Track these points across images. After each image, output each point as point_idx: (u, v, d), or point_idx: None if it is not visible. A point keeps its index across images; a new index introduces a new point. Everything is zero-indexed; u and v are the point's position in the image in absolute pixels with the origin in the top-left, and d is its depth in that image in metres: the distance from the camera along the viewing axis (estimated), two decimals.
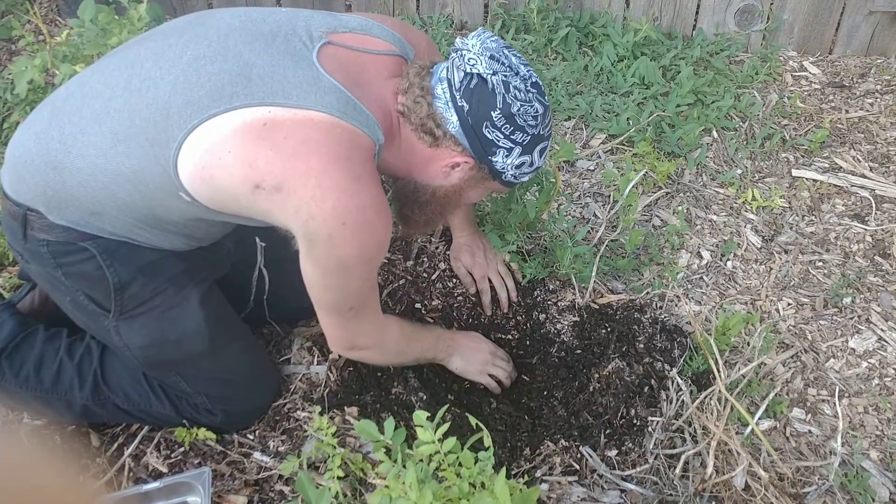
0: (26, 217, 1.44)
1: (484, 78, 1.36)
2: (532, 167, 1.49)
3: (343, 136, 1.30)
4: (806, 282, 2.13)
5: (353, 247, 1.33)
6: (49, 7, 3.03)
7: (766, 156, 2.52)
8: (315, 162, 1.26)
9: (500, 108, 1.38)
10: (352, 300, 1.47)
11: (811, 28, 2.92)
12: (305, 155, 1.26)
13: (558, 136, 2.54)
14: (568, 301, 1.99)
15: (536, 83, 1.42)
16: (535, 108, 1.40)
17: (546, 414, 1.80)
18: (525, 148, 1.44)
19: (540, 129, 1.43)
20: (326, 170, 1.26)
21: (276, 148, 1.26)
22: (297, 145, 1.26)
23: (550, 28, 2.89)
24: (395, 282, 2.00)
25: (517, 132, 1.41)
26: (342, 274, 1.39)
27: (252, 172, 1.27)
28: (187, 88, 1.30)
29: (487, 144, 1.41)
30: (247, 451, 1.70)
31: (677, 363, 1.86)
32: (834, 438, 1.76)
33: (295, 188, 1.26)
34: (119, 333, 1.54)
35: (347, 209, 1.28)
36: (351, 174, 1.29)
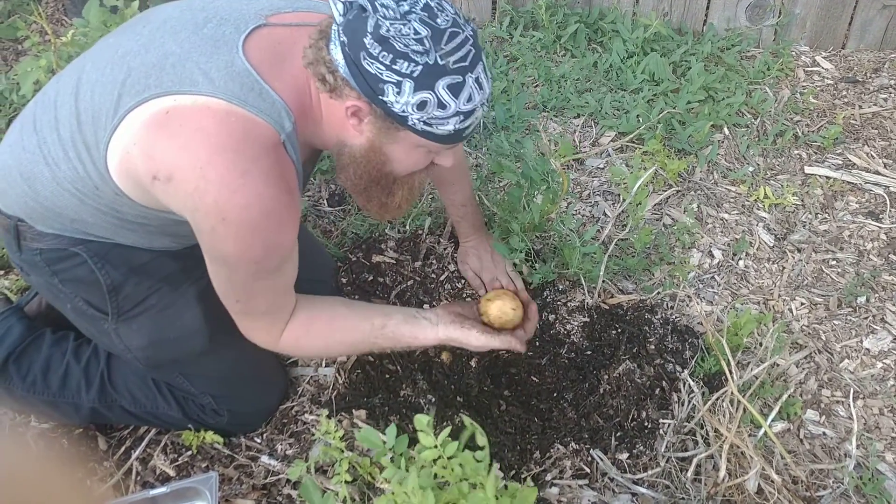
0: (17, 228, 1.46)
1: (361, 5, 1.19)
2: (448, 111, 1.23)
3: (235, 126, 1.22)
4: (819, 281, 2.11)
5: (235, 245, 1.26)
6: (55, 7, 3.03)
7: (778, 153, 2.48)
8: (202, 153, 1.21)
9: (370, 32, 1.18)
10: (237, 295, 1.40)
11: (824, 22, 2.88)
12: (195, 145, 1.21)
13: (567, 133, 2.52)
14: (577, 302, 1.97)
15: (428, 4, 1.20)
16: (415, 28, 1.17)
17: (556, 416, 1.78)
18: (418, 81, 1.19)
19: (435, 58, 1.19)
20: (211, 162, 1.20)
21: (171, 137, 1.22)
22: (190, 134, 1.21)
23: (559, 24, 2.87)
24: (404, 282, 1.98)
25: (399, 60, 1.18)
26: (226, 268, 1.33)
27: (151, 163, 1.24)
28: (112, 86, 1.28)
29: (372, 80, 1.20)
30: (254, 455, 1.69)
31: (689, 364, 1.84)
32: (849, 440, 1.73)
33: (182, 179, 1.22)
34: (119, 336, 1.53)
35: (228, 205, 1.21)
36: (237, 168, 1.21)
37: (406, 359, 1.84)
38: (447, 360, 1.86)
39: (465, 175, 1.93)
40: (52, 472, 0.74)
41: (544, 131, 2.52)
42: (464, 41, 1.21)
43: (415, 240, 2.09)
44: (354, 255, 2.03)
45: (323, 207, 2.24)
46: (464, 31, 1.22)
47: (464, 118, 1.25)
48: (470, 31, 1.23)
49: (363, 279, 1.98)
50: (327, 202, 2.25)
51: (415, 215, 2.13)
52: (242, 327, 1.47)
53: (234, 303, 1.41)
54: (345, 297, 1.95)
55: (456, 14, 1.23)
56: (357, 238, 2.10)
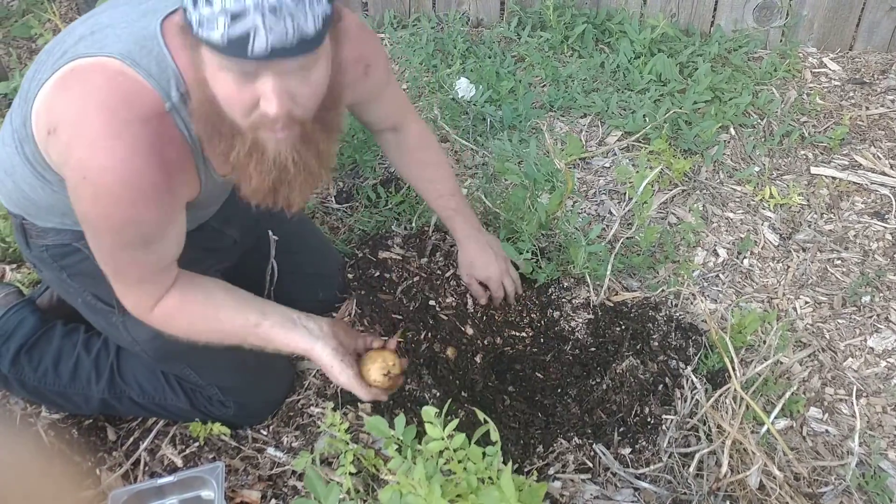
0: (23, 226, 1.49)
1: None
2: (213, 7, 1.05)
3: (120, 87, 1.19)
4: (824, 280, 2.11)
5: (91, 208, 1.23)
6: (68, 6, 3.06)
7: (784, 153, 2.49)
8: (82, 108, 1.18)
9: None
10: (104, 259, 1.34)
11: (831, 24, 2.88)
12: (79, 100, 1.19)
13: (574, 132, 2.54)
14: (582, 299, 1.99)
15: None
16: None
17: (560, 411, 1.79)
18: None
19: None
20: (86, 118, 1.17)
21: (64, 91, 1.21)
22: (79, 89, 1.20)
23: (567, 25, 2.88)
24: (410, 279, 2.00)
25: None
26: (90, 230, 1.29)
27: (45, 117, 1.23)
28: (45, 60, 1.29)
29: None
30: (260, 447, 1.71)
31: (692, 361, 1.85)
32: (851, 438, 1.74)
33: (61, 132, 1.20)
34: (127, 329, 1.55)
35: (89, 164, 1.18)
36: (107, 129, 1.17)
37: (411, 354, 1.86)
38: (452, 355, 1.87)
39: (442, 160, 1.86)
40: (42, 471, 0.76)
41: (549, 131, 2.53)
42: None
43: (421, 236, 2.10)
44: (361, 251, 2.05)
45: (331, 204, 2.26)
46: None
47: (231, 20, 1.05)
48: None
49: (370, 275, 2.00)
50: (335, 199, 2.27)
51: (421, 212, 2.15)
52: (116, 291, 1.41)
53: (104, 265, 1.36)
54: (350, 292, 1.97)
55: None
56: (364, 234, 2.12)
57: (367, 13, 3.02)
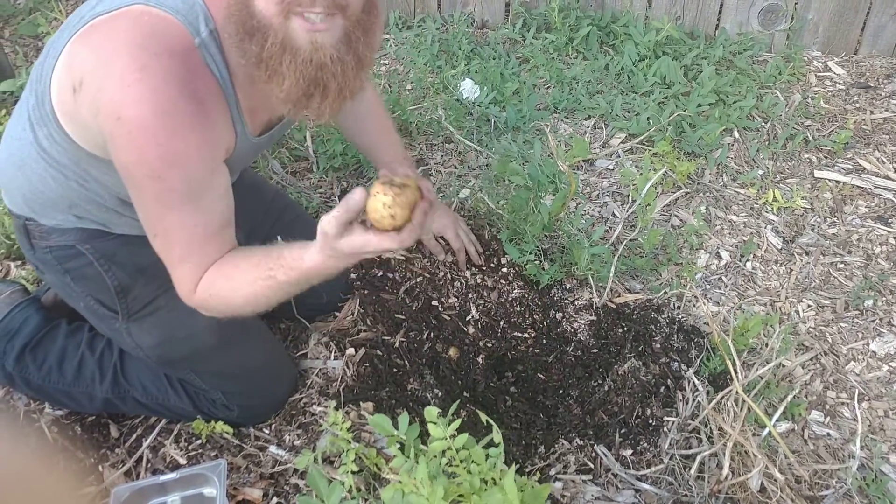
0: (26, 227, 1.49)
1: None
2: None
3: (145, 24, 1.16)
4: (827, 284, 2.11)
5: (132, 152, 1.16)
6: (76, 4, 3.07)
7: (788, 156, 2.49)
8: (108, 51, 1.14)
9: None
10: (152, 226, 1.26)
11: (836, 28, 2.88)
12: (103, 45, 1.15)
13: (578, 134, 2.54)
14: (585, 300, 1.99)
15: None
16: None
17: (561, 412, 1.79)
18: None
19: None
20: (113, 58, 1.13)
21: (87, 44, 1.18)
22: (103, 38, 1.16)
23: (571, 27, 2.89)
24: (413, 279, 2.00)
25: None
26: (133, 186, 1.22)
27: (70, 75, 1.20)
28: (63, 35, 1.26)
29: None
30: (262, 445, 1.71)
31: (694, 363, 1.85)
32: (853, 442, 1.74)
33: (89, 82, 1.16)
34: (130, 335, 1.56)
35: (122, 101, 1.12)
36: (136, 62, 1.12)
37: (414, 353, 1.86)
38: (455, 355, 1.88)
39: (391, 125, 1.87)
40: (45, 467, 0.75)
41: (552, 133, 2.54)
42: None
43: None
44: None
45: (334, 204, 2.26)
46: None
47: None
48: None
49: (372, 275, 2.00)
50: (339, 199, 2.27)
51: None
52: (171, 273, 1.32)
53: (153, 238, 1.28)
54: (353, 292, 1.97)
55: None
56: None
57: None
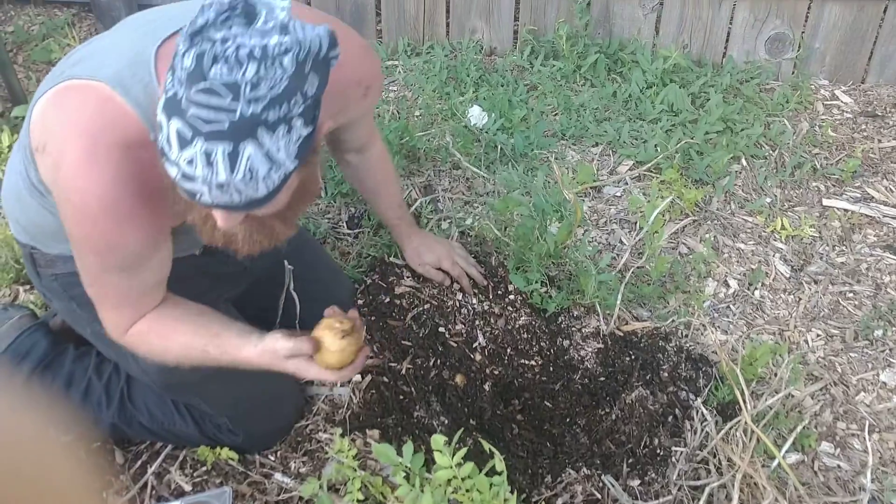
0: (32, 255, 1.51)
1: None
2: (170, 154, 1.06)
3: (107, 112, 1.20)
4: (836, 313, 2.10)
5: (77, 229, 1.25)
6: (88, 31, 3.11)
7: (796, 185, 2.49)
8: (70, 130, 1.20)
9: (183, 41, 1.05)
10: (89, 280, 1.35)
11: (843, 57, 2.90)
12: (68, 121, 1.21)
13: (585, 161, 2.54)
14: (592, 328, 1.98)
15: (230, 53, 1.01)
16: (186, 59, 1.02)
17: (568, 441, 1.78)
18: (166, 104, 1.06)
19: (183, 94, 1.03)
20: (72, 140, 1.19)
21: (56, 110, 1.23)
22: (70, 110, 1.22)
23: (579, 54, 2.90)
24: (420, 305, 2.00)
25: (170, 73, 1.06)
26: (76, 249, 1.31)
27: (36, 135, 1.25)
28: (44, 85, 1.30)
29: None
30: (268, 472, 1.70)
31: (702, 393, 1.84)
32: (863, 474, 1.72)
33: (49, 151, 1.22)
34: (136, 359, 1.56)
35: (72, 187, 1.20)
36: (89, 154, 1.18)
37: (420, 380, 1.86)
38: (461, 382, 1.87)
39: (395, 175, 1.95)
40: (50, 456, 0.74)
41: (559, 160, 2.54)
42: (223, 109, 1.02)
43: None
44: (370, 278, 2.06)
45: (341, 230, 2.27)
46: (234, 103, 1.01)
47: (183, 178, 1.07)
48: (243, 108, 1.02)
49: (380, 301, 2.00)
50: (346, 225, 2.28)
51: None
52: (98, 311, 1.41)
53: (87, 287, 1.37)
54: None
55: (251, 83, 1.01)
56: (374, 260, 2.13)
57: (382, 40, 3.05)
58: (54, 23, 3.10)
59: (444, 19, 3.01)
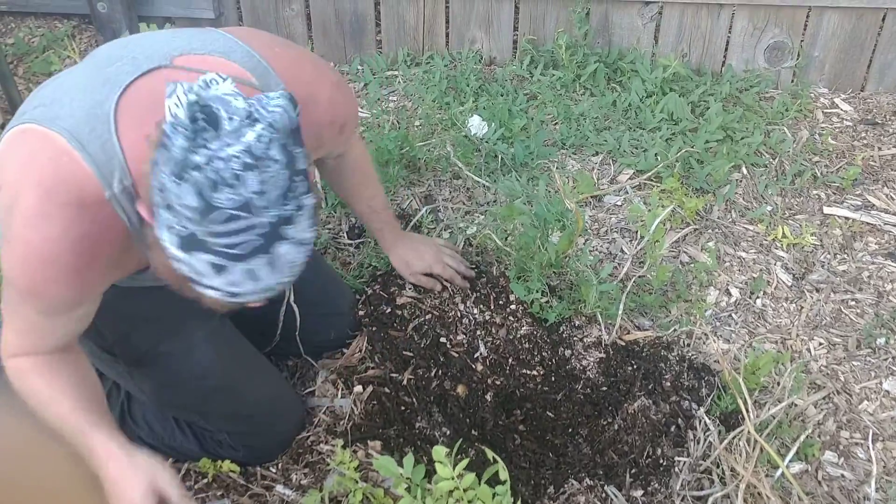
0: None
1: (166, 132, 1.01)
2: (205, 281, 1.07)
3: (62, 168, 1.18)
4: (838, 321, 2.10)
5: (11, 269, 1.24)
6: (88, 43, 3.12)
7: (796, 193, 2.49)
8: (22, 179, 1.19)
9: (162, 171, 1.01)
10: (4, 300, 1.33)
11: (842, 65, 2.90)
12: (21, 170, 1.19)
13: (585, 170, 2.54)
14: (594, 337, 1.98)
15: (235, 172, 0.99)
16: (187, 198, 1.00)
17: (570, 451, 1.78)
18: (184, 240, 1.04)
19: (201, 230, 1.02)
20: (27, 188, 1.18)
21: (13, 152, 1.22)
22: (26, 157, 1.20)
23: (579, 64, 2.91)
24: (421, 316, 1.99)
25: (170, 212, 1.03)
26: (4, 272, 1.27)
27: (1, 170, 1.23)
28: (14, 120, 1.29)
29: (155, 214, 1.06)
30: (269, 484, 1.69)
31: (705, 402, 1.84)
32: (868, 483, 1.71)
33: (4, 192, 1.21)
34: (133, 378, 1.56)
35: (19, 235, 1.19)
36: (41, 207, 1.17)
37: (422, 391, 1.85)
38: (463, 393, 1.86)
39: (375, 176, 1.90)
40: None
41: (560, 170, 2.54)
42: (247, 229, 1.02)
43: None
44: (371, 288, 2.05)
45: (343, 240, 2.27)
46: (254, 218, 1.02)
47: (229, 296, 1.09)
48: (263, 219, 1.02)
49: (381, 311, 2.00)
50: (347, 235, 2.28)
51: None
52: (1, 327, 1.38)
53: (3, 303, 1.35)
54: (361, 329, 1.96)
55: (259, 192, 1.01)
56: (375, 271, 2.12)
57: (381, 51, 3.06)
58: (55, 35, 3.11)
59: (444, 29, 3.02)
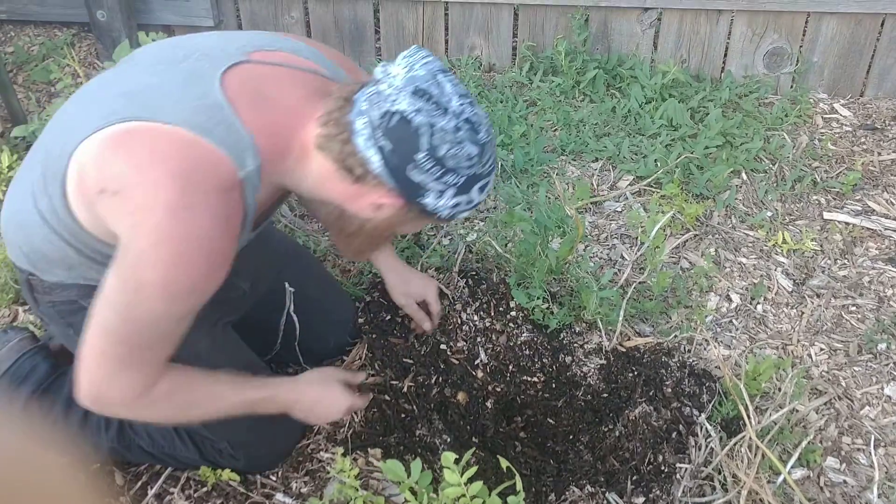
0: (29, 282, 1.48)
1: (406, 117, 1.22)
2: (471, 204, 1.34)
3: (194, 156, 1.21)
4: (839, 327, 2.09)
5: (159, 274, 1.20)
6: (87, 51, 3.12)
7: (796, 198, 2.49)
8: (156, 174, 1.18)
9: (426, 150, 1.23)
10: (129, 335, 1.26)
11: (841, 70, 2.90)
12: (150, 165, 1.19)
13: (585, 177, 2.54)
14: (594, 344, 1.97)
15: (470, 119, 1.26)
16: (468, 149, 1.25)
17: (572, 458, 1.77)
18: (460, 188, 1.29)
19: (476, 170, 1.28)
20: (163, 184, 1.17)
21: (128, 154, 1.21)
22: (148, 155, 1.20)
23: (578, 70, 2.91)
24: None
25: (448, 174, 1.26)
26: (135, 299, 1.23)
27: (100, 176, 1.22)
28: (82, 115, 1.29)
29: (415, 187, 1.27)
30: (269, 493, 1.69)
31: (706, 408, 1.83)
32: (870, 489, 1.71)
33: (132, 195, 1.19)
34: None
35: (169, 232, 1.18)
36: (186, 198, 1.18)
37: (422, 398, 1.84)
38: (463, 400, 1.86)
39: None
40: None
41: (560, 176, 2.54)
42: (492, 141, 1.31)
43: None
44: (371, 295, 2.05)
45: None
46: (490, 132, 1.30)
47: (474, 207, 1.36)
48: (491, 133, 1.31)
49: (381, 318, 1.99)
50: None
51: (429, 254, 2.15)
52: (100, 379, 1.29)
53: (115, 343, 1.26)
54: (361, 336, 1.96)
55: (483, 114, 1.30)
56: (375, 277, 2.12)
57: (381, 58, 3.06)
58: (54, 43, 3.11)
59: (443, 36, 3.03)
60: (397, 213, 1.34)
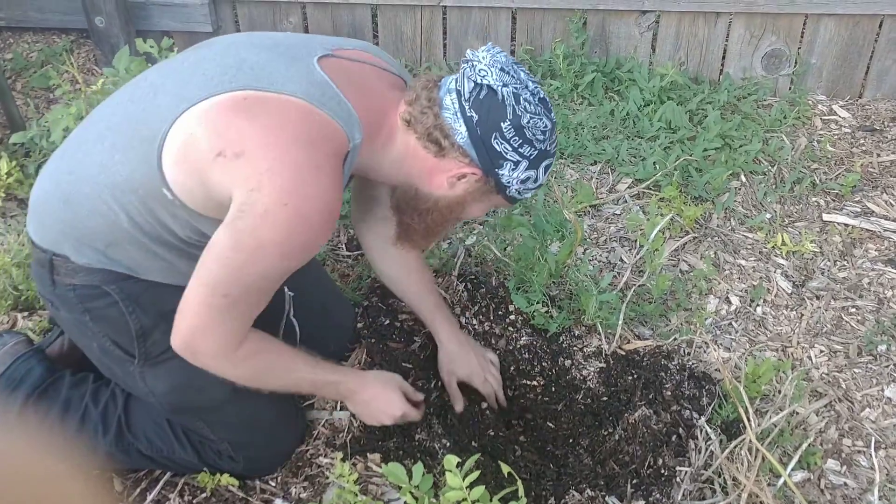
0: (52, 262, 1.47)
1: (494, 89, 1.37)
2: (536, 183, 1.48)
3: (315, 123, 1.30)
4: (839, 328, 2.09)
5: (281, 233, 1.27)
6: (86, 57, 3.12)
7: (795, 200, 2.49)
8: (282, 137, 1.26)
9: (510, 120, 1.38)
10: (235, 288, 1.32)
11: (840, 72, 2.90)
12: (275, 129, 1.27)
13: (584, 180, 2.54)
14: (594, 347, 1.97)
15: (544, 99, 1.43)
16: (545, 122, 1.42)
17: (571, 462, 1.76)
18: (532, 162, 1.43)
19: (547, 145, 1.44)
20: (289, 148, 1.26)
21: (251, 118, 1.28)
22: (270, 119, 1.28)
23: (576, 73, 2.91)
24: (420, 327, 1.99)
25: (525, 145, 1.41)
26: (250, 256, 1.29)
27: (218, 140, 1.27)
28: (181, 85, 1.34)
29: (495, 156, 1.41)
30: (268, 498, 1.68)
31: (706, 411, 1.82)
32: (871, 492, 1.70)
33: (255, 157, 1.25)
34: (144, 379, 1.54)
35: (296, 192, 1.25)
36: (312, 161, 1.27)
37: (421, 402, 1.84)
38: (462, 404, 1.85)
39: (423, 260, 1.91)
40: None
41: (556, 181, 2.54)
42: (555, 126, 1.46)
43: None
44: (370, 300, 2.04)
45: (341, 252, 2.26)
46: (554, 119, 1.46)
47: (539, 186, 1.50)
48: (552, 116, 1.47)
49: (380, 323, 1.99)
50: (345, 247, 2.27)
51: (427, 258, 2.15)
52: (198, 327, 1.35)
53: (221, 295, 1.31)
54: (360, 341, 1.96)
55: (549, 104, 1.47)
56: (374, 282, 2.12)
57: None
58: (53, 49, 3.12)
59: (441, 40, 3.03)
60: (472, 188, 1.46)
